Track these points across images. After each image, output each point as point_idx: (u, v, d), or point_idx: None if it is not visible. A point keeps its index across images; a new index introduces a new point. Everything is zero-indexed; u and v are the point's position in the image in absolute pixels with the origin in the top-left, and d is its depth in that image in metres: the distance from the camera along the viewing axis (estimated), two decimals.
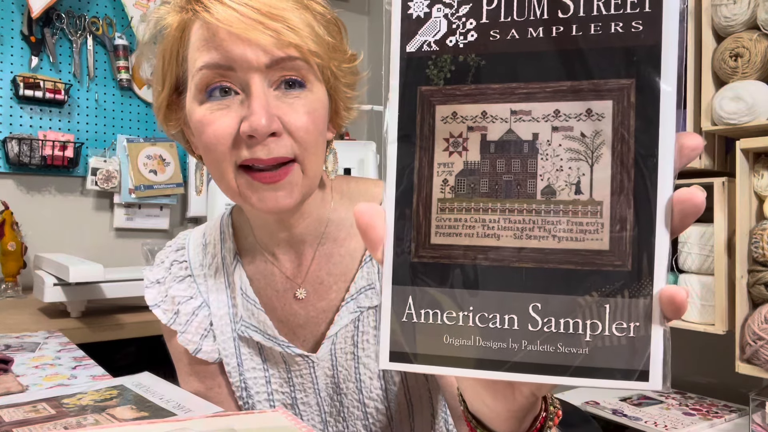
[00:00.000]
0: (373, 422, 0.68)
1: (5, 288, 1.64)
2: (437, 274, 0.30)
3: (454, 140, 0.30)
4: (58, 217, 1.91)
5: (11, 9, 1.83)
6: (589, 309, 0.28)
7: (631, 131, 0.28)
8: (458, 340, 0.29)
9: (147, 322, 1.33)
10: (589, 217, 0.28)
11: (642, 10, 0.27)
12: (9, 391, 0.66)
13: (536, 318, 0.28)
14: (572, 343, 0.28)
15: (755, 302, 1.03)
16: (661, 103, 0.28)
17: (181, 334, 0.70)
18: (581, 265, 0.28)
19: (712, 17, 1.07)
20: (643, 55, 0.28)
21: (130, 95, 2.04)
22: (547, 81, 0.29)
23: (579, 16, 0.28)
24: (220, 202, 1.45)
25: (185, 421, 0.52)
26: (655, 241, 0.27)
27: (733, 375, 1.06)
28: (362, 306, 0.66)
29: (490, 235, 0.29)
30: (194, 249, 0.73)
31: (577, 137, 0.29)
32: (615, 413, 1.16)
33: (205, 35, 0.55)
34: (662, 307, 0.27)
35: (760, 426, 1.01)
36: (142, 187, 1.97)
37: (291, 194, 0.57)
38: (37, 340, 0.97)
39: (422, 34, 0.30)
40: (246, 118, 0.54)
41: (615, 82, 0.28)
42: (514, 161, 0.29)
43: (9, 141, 1.77)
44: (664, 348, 0.28)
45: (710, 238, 1.09)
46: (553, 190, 0.29)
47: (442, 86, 0.30)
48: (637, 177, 0.28)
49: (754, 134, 1.03)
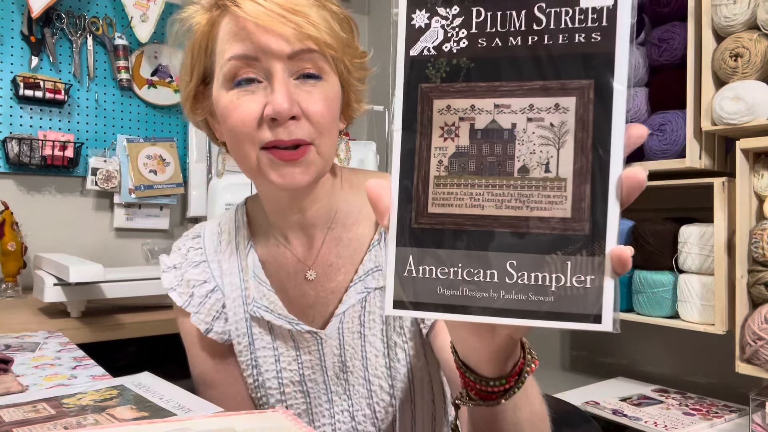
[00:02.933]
0: (377, 401, 0.72)
1: (5, 288, 1.64)
2: (433, 238, 0.36)
3: (448, 128, 0.37)
4: (58, 217, 1.91)
5: (11, 9, 1.83)
6: (554, 265, 0.34)
7: (589, 122, 0.34)
8: (449, 291, 0.36)
9: (147, 322, 1.33)
10: (555, 191, 0.35)
11: (600, 24, 0.34)
12: (9, 391, 0.66)
13: (512, 272, 0.35)
14: (541, 293, 0.34)
15: (755, 302, 1.03)
16: (614, 100, 0.34)
17: (194, 314, 0.75)
18: (549, 230, 0.35)
19: (712, 17, 1.07)
20: (600, 60, 0.34)
21: (130, 95, 2.04)
22: (523, 80, 0.35)
23: (550, 28, 0.35)
24: (220, 202, 1.45)
25: (185, 421, 0.52)
26: (607, 210, 0.34)
27: (733, 375, 1.06)
28: (369, 287, 0.71)
29: (476, 206, 0.36)
30: (209, 237, 0.78)
31: (547, 126, 0.35)
32: (615, 413, 1.16)
33: (234, 29, 0.61)
34: (612, 264, 0.33)
35: (760, 426, 1.01)
36: (142, 187, 1.97)
37: (307, 172, 0.63)
38: (37, 340, 0.97)
39: (423, 41, 0.37)
40: (269, 102, 0.60)
41: (577, 82, 0.34)
42: (496, 146, 0.36)
43: (9, 141, 1.77)
44: (614, 297, 0.33)
45: (710, 238, 1.09)
46: (527, 169, 0.35)
47: (438, 84, 0.37)
48: (594, 159, 0.34)
49: (754, 134, 1.03)
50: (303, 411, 0.76)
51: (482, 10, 0.36)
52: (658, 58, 1.16)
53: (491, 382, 0.43)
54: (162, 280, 0.77)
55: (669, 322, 1.17)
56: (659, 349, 1.42)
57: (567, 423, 0.92)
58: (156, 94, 2.07)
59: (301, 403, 0.76)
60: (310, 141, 0.62)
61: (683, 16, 1.13)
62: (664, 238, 1.17)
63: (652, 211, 1.37)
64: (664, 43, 1.15)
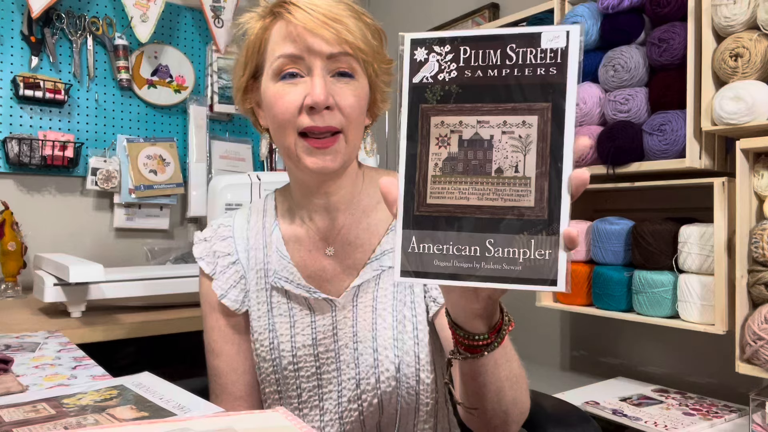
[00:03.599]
0: (382, 370, 0.80)
1: (5, 288, 1.64)
2: (431, 222, 0.47)
3: (441, 138, 0.48)
4: (58, 217, 1.91)
5: (11, 9, 1.83)
6: (522, 242, 0.45)
7: (548, 134, 0.45)
8: (443, 263, 0.47)
9: (147, 322, 1.33)
10: (522, 186, 0.46)
11: (555, 61, 0.45)
12: (9, 391, 0.66)
13: (490, 248, 0.46)
14: (512, 264, 0.45)
15: (755, 302, 1.03)
16: (566, 118, 0.45)
17: (215, 280, 0.86)
18: (517, 216, 0.45)
19: (712, 17, 1.07)
20: (555, 88, 0.45)
21: (130, 95, 2.04)
22: (498, 103, 0.46)
23: (518, 63, 0.46)
24: (220, 202, 1.45)
25: (185, 421, 0.52)
26: (561, 201, 0.45)
27: (733, 375, 1.06)
28: (384, 265, 0.82)
29: (463, 198, 0.47)
30: (240, 218, 0.91)
31: (516, 138, 0.46)
32: (615, 413, 1.16)
33: (284, 32, 0.74)
34: (564, 241, 0.44)
35: (760, 426, 1.01)
36: (142, 187, 1.97)
37: (335, 159, 0.75)
38: (37, 340, 0.97)
39: (422, 72, 0.48)
40: (309, 94, 0.72)
41: (539, 105, 0.45)
42: (478, 152, 0.47)
43: (9, 141, 1.77)
44: (567, 266, 0.44)
45: (710, 238, 1.09)
46: (501, 170, 0.46)
47: (434, 104, 0.48)
48: (551, 162, 0.45)
49: (754, 134, 1.03)
50: (312, 374, 0.83)
51: (468, 49, 0.47)
52: (658, 58, 1.16)
53: (476, 336, 0.56)
54: (194, 250, 0.90)
55: (669, 322, 1.16)
56: (659, 349, 1.42)
57: (567, 423, 0.92)
58: (156, 94, 2.07)
59: (311, 366, 0.83)
60: (340, 129, 0.74)
61: (683, 16, 1.13)
62: (664, 238, 1.17)
63: (652, 211, 1.37)
64: (664, 43, 1.14)
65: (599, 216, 1.31)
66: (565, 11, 1.35)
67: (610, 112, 1.24)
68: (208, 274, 0.87)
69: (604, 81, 1.25)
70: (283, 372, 0.83)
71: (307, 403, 0.83)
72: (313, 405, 0.83)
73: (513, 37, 0.46)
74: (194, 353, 1.57)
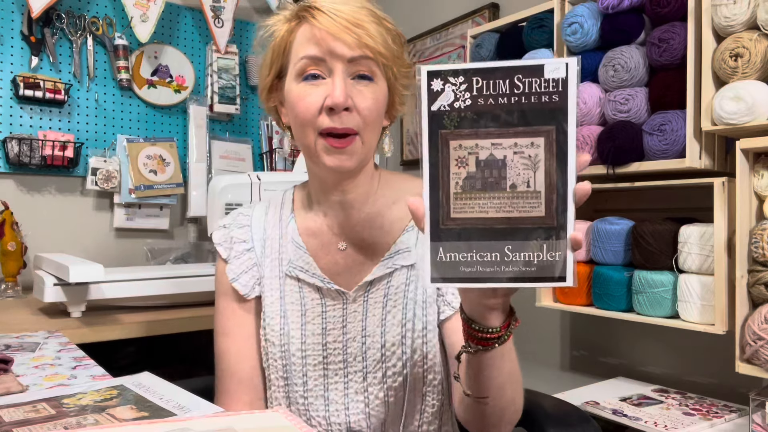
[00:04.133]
0: (389, 366, 0.82)
1: (5, 288, 1.64)
2: (455, 234, 0.54)
3: (460, 160, 0.54)
4: (58, 217, 1.91)
5: (11, 9, 1.83)
6: (536, 246, 0.52)
7: (553, 153, 0.52)
8: (468, 269, 0.54)
9: (147, 322, 1.33)
10: (533, 199, 0.53)
11: (557, 89, 0.52)
12: (9, 391, 0.66)
13: (509, 253, 0.53)
14: (528, 266, 0.53)
15: (755, 302, 1.03)
16: (568, 139, 0.52)
17: (229, 264, 0.90)
18: (531, 224, 0.53)
19: (712, 17, 1.07)
20: (558, 113, 0.52)
21: (130, 95, 2.04)
22: (509, 127, 0.53)
23: (525, 91, 0.52)
24: (220, 202, 1.45)
25: (185, 421, 0.52)
26: (567, 210, 0.52)
27: (733, 375, 1.06)
28: (397, 264, 0.85)
29: (482, 211, 0.53)
30: (258, 209, 0.94)
31: (526, 157, 0.53)
32: (615, 413, 1.16)
33: (308, 35, 0.78)
34: (571, 244, 0.52)
35: (760, 426, 1.01)
36: (142, 187, 1.97)
37: (351, 158, 0.79)
38: (37, 340, 0.97)
39: (440, 100, 0.53)
40: (329, 95, 0.75)
41: (544, 128, 0.52)
42: (494, 171, 0.53)
43: (9, 141, 1.77)
44: (573, 265, 0.52)
45: (710, 238, 1.09)
46: (515, 186, 0.53)
47: (453, 130, 0.53)
48: (557, 177, 0.52)
49: (754, 134, 1.03)
50: (319, 362, 0.85)
51: (480, 79, 0.53)
52: (658, 58, 1.15)
53: (489, 329, 0.62)
54: (213, 236, 0.94)
55: (669, 322, 1.16)
56: (659, 349, 1.42)
57: (567, 423, 0.92)
58: (156, 94, 2.07)
59: (318, 355, 0.85)
60: (357, 131, 0.77)
61: (683, 16, 1.13)
62: (664, 238, 1.17)
63: (652, 211, 1.37)
64: (664, 43, 1.14)
65: (599, 216, 1.31)
66: (565, 11, 1.35)
67: (610, 112, 1.24)
68: (224, 258, 0.91)
69: (604, 81, 1.25)
70: (291, 358, 0.85)
71: (312, 391, 0.85)
72: (319, 394, 0.85)
73: (519, 68, 0.52)
74: (194, 353, 1.57)
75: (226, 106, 2.15)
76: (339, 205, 0.86)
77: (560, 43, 1.36)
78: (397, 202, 0.88)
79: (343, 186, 0.84)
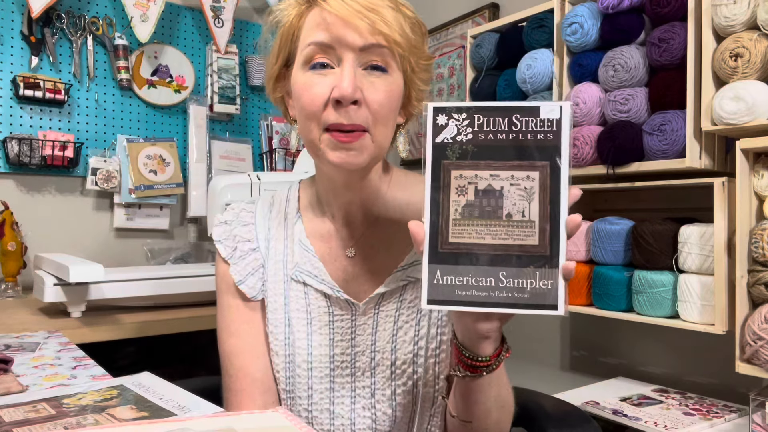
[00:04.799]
0: (399, 383, 0.78)
1: (5, 288, 1.64)
2: (452, 258, 0.56)
3: (460, 188, 0.56)
4: (58, 217, 1.91)
5: (11, 9, 1.83)
6: (529, 274, 0.55)
7: (547, 186, 0.55)
8: (463, 292, 0.55)
9: (147, 322, 1.33)
10: (528, 228, 0.55)
11: (552, 128, 0.55)
12: (9, 391, 0.66)
13: (503, 279, 0.55)
14: (521, 292, 0.55)
15: (755, 302, 1.03)
16: (561, 173, 0.55)
17: (233, 265, 0.83)
18: (525, 252, 0.55)
19: (712, 17, 1.07)
20: (552, 149, 0.55)
21: (130, 95, 2.04)
22: (507, 160, 0.56)
23: (522, 129, 0.56)
24: (220, 202, 1.45)
25: (185, 421, 0.52)
26: (559, 240, 0.54)
27: (733, 375, 1.06)
28: (411, 276, 0.79)
29: (479, 238, 0.56)
30: (262, 205, 0.88)
31: (522, 189, 0.56)
32: (615, 413, 1.16)
33: (318, 20, 0.71)
34: (563, 273, 0.54)
35: (760, 426, 1.01)
36: (142, 187, 1.97)
37: (360, 155, 0.71)
38: (37, 340, 0.97)
39: (443, 133, 0.57)
40: (336, 86, 0.68)
41: (539, 162, 0.55)
42: (491, 200, 0.56)
43: (9, 141, 1.77)
44: (564, 294, 0.54)
45: (710, 238, 1.09)
46: (511, 215, 0.56)
47: (454, 161, 0.57)
48: (551, 209, 0.55)
49: (754, 134, 1.03)
50: (325, 375, 0.80)
51: (481, 116, 0.57)
52: (658, 58, 1.15)
53: (479, 358, 0.62)
54: (213, 232, 0.87)
55: (669, 322, 1.16)
56: (659, 349, 1.42)
57: (567, 423, 0.92)
58: (156, 94, 2.07)
59: (325, 367, 0.80)
60: (366, 127, 0.70)
61: (683, 16, 1.13)
62: (664, 238, 1.17)
63: (652, 211, 1.37)
64: (664, 43, 1.14)
65: (599, 216, 1.31)
66: (565, 11, 1.35)
67: (610, 112, 1.24)
68: (225, 258, 0.84)
69: (604, 81, 1.25)
70: (296, 370, 0.80)
71: (318, 404, 0.80)
72: (324, 408, 0.80)
73: (517, 108, 0.56)
74: (194, 353, 1.57)
75: (226, 106, 2.15)
76: (347, 208, 0.80)
77: (560, 43, 1.36)
78: (411, 205, 0.81)
79: (351, 186, 0.78)
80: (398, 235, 0.80)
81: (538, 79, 1.39)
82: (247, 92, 2.27)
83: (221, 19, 2.09)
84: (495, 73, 1.54)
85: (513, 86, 1.46)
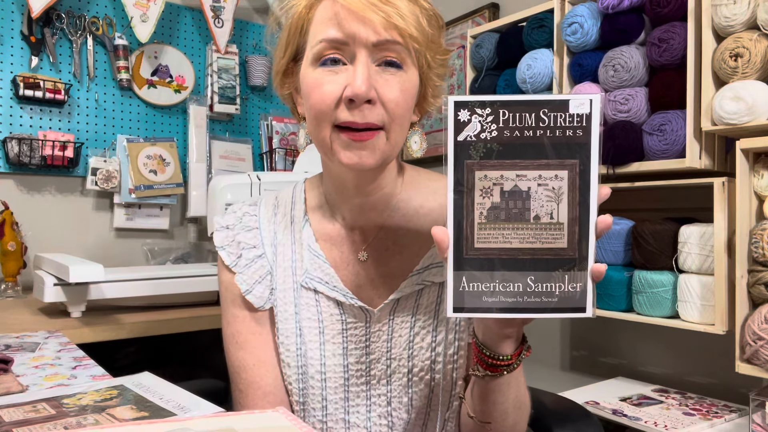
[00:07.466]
0: (416, 390, 0.76)
1: (5, 288, 1.64)
2: (478, 264, 0.54)
3: (485, 190, 0.53)
4: (58, 217, 1.91)
5: (11, 9, 1.83)
6: (557, 277, 0.53)
7: (576, 186, 0.53)
8: (491, 299, 0.54)
9: (147, 322, 1.33)
10: (556, 231, 0.53)
11: (581, 124, 0.53)
12: (9, 391, 0.66)
13: (531, 284, 0.53)
14: (549, 296, 0.53)
15: (755, 302, 1.03)
16: (591, 173, 0.52)
17: (239, 274, 0.79)
18: (553, 255, 0.53)
19: (712, 17, 1.07)
20: (581, 147, 0.53)
21: (130, 95, 2.03)
22: (534, 159, 0.53)
23: (550, 125, 0.53)
24: (220, 202, 1.45)
25: (185, 421, 0.52)
26: (588, 242, 0.53)
27: (733, 375, 1.06)
28: (427, 280, 0.76)
29: (506, 242, 0.53)
30: (265, 207, 0.83)
31: (550, 189, 0.53)
32: (615, 413, 1.16)
33: (329, 14, 0.66)
34: (592, 275, 0.53)
35: (760, 426, 1.01)
36: (142, 187, 1.97)
37: (373, 155, 0.67)
38: (37, 340, 0.97)
39: (466, 131, 0.53)
40: (349, 84, 0.64)
41: (568, 161, 0.53)
42: (518, 202, 0.53)
43: (9, 141, 1.77)
44: (593, 297, 0.53)
45: (710, 238, 1.09)
46: (538, 217, 0.53)
47: (478, 160, 0.53)
48: (580, 210, 0.53)
49: (754, 134, 1.03)
50: (340, 385, 0.77)
51: (506, 111, 0.53)
52: (658, 58, 1.15)
53: (501, 357, 0.61)
54: (214, 238, 0.82)
55: (669, 322, 1.16)
56: (659, 349, 1.42)
57: (568, 418, 0.92)
58: (156, 94, 2.07)
59: (339, 377, 0.76)
60: (381, 126, 0.66)
61: (683, 16, 1.13)
62: (664, 238, 1.17)
63: (652, 211, 1.37)
64: (664, 43, 1.14)
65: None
66: (565, 11, 1.35)
67: (610, 112, 1.24)
68: (229, 266, 0.79)
69: (604, 81, 1.25)
70: (309, 381, 0.77)
71: (332, 415, 0.77)
72: (339, 418, 0.77)
73: (545, 102, 0.53)
74: (194, 353, 1.57)
75: (226, 106, 2.15)
76: (358, 209, 0.76)
77: (560, 43, 1.36)
78: (426, 204, 0.78)
79: (362, 187, 0.74)
80: (412, 238, 0.76)
81: (538, 79, 1.39)
82: (247, 92, 2.27)
83: (221, 19, 2.09)
84: (495, 73, 1.54)
85: (513, 86, 1.46)
